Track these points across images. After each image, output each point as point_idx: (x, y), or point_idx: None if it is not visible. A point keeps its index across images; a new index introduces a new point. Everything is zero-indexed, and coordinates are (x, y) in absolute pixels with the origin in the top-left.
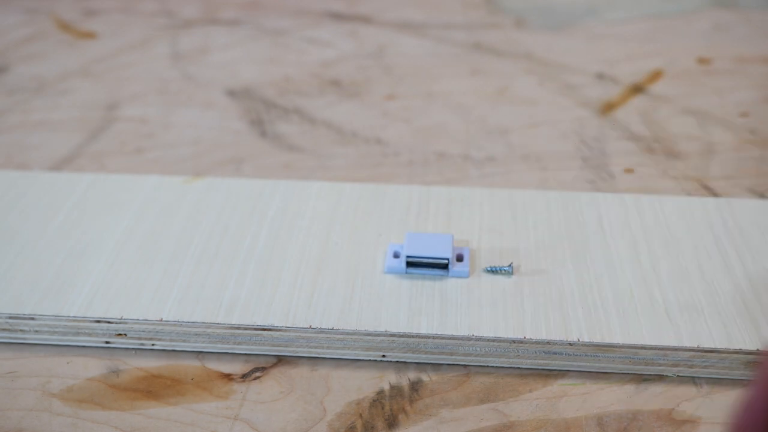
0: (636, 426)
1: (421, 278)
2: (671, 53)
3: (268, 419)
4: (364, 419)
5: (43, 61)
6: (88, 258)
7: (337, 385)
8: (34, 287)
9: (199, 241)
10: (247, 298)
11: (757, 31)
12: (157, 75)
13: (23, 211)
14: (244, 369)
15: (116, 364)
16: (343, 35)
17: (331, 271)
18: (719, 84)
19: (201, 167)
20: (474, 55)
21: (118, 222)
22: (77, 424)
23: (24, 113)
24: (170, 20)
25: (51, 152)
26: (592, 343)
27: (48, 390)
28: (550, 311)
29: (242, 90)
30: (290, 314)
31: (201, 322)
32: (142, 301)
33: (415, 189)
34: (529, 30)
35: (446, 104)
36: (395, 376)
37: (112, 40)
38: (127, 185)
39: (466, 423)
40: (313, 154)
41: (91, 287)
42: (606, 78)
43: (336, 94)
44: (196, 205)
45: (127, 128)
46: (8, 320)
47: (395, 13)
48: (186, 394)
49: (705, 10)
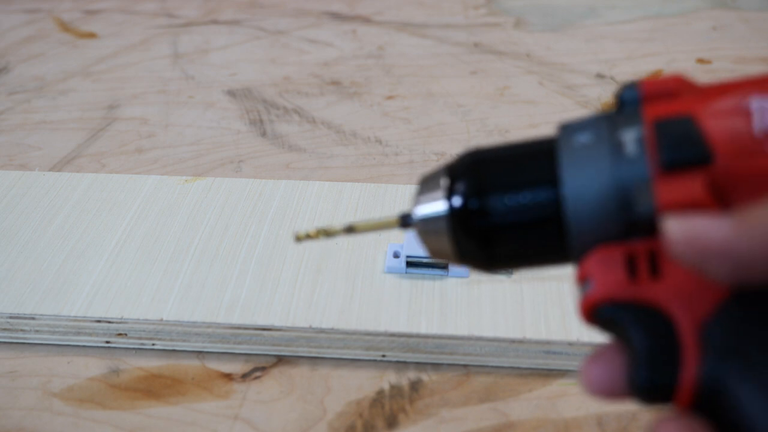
0: (636, 426)
1: (421, 278)
2: (671, 53)
3: (268, 419)
4: (364, 419)
5: (43, 62)
6: (88, 258)
7: (337, 384)
8: (35, 287)
9: (199, 241)
10: (247, 298)
11: (756, 32)
12: (158, 75)
13: (23, 211)
14: (244, 369)
15: (117, 363)
16: (343, 35)
17: (331, 271)
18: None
19: (201, 167)
20: (474, 55)
21: (118, 222)
22: (78, 423)
23: (24, 113)
24: (170, 20)
25: (51, 152)
26: (592, 343)
27: (49, 389)
28: (550, 311)
29: (242, 90)
30: (290, 314)
31: (201, 321)
32: (142, 301)
33: (415, 189)
34: (529, 30)
35: (446, 104)
36: (395, 375)
37: (112, 40)
38: (127, 185)
39: (466, 422)
40: (313, 154)
41: (91, 287)
42: (606, 78)
43: (336, 94)
44: (196, 205)
45: (127, 128)
46: (9, 320)
47: (395, 13)
48: (186, 394)
49: (705, 10)
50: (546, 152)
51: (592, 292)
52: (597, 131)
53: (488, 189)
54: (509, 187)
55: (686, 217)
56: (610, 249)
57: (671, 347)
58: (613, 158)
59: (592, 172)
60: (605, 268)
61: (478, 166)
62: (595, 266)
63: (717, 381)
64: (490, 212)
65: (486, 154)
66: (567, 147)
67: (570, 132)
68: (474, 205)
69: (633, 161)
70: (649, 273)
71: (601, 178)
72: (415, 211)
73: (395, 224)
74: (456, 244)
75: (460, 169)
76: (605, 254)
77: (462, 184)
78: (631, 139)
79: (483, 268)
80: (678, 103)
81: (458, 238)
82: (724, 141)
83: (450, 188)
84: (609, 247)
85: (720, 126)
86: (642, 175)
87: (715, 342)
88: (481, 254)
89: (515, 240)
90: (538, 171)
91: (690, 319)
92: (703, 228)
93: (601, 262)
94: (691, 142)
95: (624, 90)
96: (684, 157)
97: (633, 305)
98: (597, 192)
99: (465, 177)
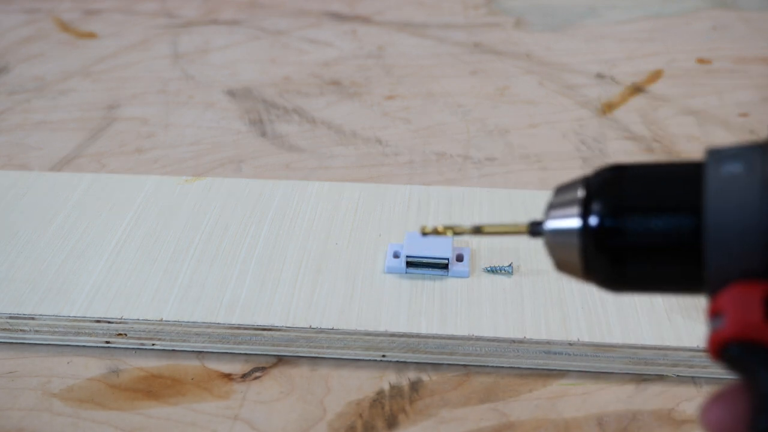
0: (636, 426)
1: (421, 278)
2: (671, 53)
3: (268, 419)
4: (364, 419)
5: (43, 62)
6: (88, 258)
7: (337, 385)
8: (35, 287)
9: (199, 241)
10: (247, 298)
11: (756, 32)
12: (158, 75)
13: (23, 211)
14: (244, 369)
15: (116, 364)
16: (343, 35)
17: (331, 271)
18: (719, 84)
19: (201, 167)
20: (474, 55)
21: (118, 222)
22: (77, 424)
23: (24, 113)
24: (170, 20)
25: (51, 152)
26: (592, 343)
27: (48, 390)
28: (550, 311)
29: (242, 90)
30: (290, 314)
31: (201, 321)
32: (142, 301)
33: (415, 189)
34: (529, 30)
35: (446, 104)
36: (395, 376)
37: (112, 40)
38: (127, 185)
39: (466, 423)
40: (313, 154)
41: (91, 287)
42: (606, 78)
43: (336, 94)
44: (196, 205)
45: (127, 128)
46: (9, 320)
47: (395, 13)
48: (186, 394)
49: (705, 10)
50: (691, 177)
51: (724, 329)
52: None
53: (626, 208)
54: (648, 210)
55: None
56: (749, 286)
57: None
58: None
59: (739, 204)
60: (741, 305)
61: (618, 183)
62: (731, 302)
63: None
64: (625, 232)
65: (627, 171)
66: (714, 174)
67: (719, 159)
68: (610, 224)
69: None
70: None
71: (748, 212)
72: (547, 221)
73: (524, 231)
74: (585, 261)
75: (598, 184)
76: (743, 291)
77: (600, 201)
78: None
79: (609, 287)
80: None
81: (588, 254)
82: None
83: (586, 203)
84: (748, 284)
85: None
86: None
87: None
88: (611, 273)
89: (648, 264)
90: (681, 196)
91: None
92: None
93: (737, 299)
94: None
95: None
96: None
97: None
98: (742, 225)
99: (603, 193)
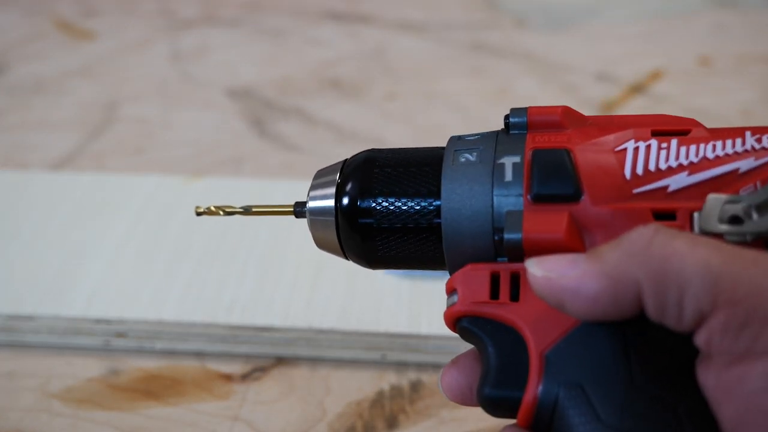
0: None
1: (421, 278)
2: (671, 53)
3: (267, 420)
4: (364, 420)
5: (43, 61)
6: (88, 258)
7: (337, 385)
8: (34, 287)
9: (199, 241)
10: (247, 298)
11: (757, 31)
12: (157, 75)
13: (23, 211)
14: (244, 369)
15: (116, 364)
16: (343, 35)
17: (331, 271)
18: (719, 84)
19: (201, 167)
20: (474, 55)
21: (118, 222)
22: (77, 424)
23: (24, 113)
24: (170, 20)
25: (51, 152)
26: None
27: (47, 390)
28: None
29: (242, 90)
30: (290, 315)
31: (201, 322)
32: (142, 301)
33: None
34: (529, 30)
35: (446, 104)
36: (395, 376)
37: (112, 40)
38: (127, 185)
39: (466, 423)
40: (313, 154)
41: (91, 287)
42: (606, 78)
43: (336, 94)
44: (196, 205)
45: (127, 128)
46: (8, 320)
47: (395, 13)
48: (186, 395)
49: (705, 10)
50: (434, 164)
51: (455, 305)
52: (481, 151)
53: (374, 191)
54: (393, 193)
55: (544, 260)
56: (479, 266)
57: (519, 366)
58: (491, 181)
59: (469, 191)
60: (470, 284)
61: (369, 167)
62: (462, 280)
63: (554, 405)
64: (372, 213)
65: (379, 155)
66: (450, 162)
67: (456, 146)
68: (359, 205)
69: (508, 187)
70: (510, 295)
71: (477, 198)
72: (308, 202)
73: (291, 211)
74: (340, 239)
75: (351, 168)
76: (473, 271)
77: (351, 183)
78: (510, 166)
79: (365, 263)
80: (561, 136)
81: (342, 233)
82: (593, 180)
83: (340, 185)
84: (478, 264)
85: (592, 164)
86: (514, 203)
87: (555, 368)
88: (363, 249)
89: (395, 242)
90: (423, 181)
91: (538, 343)
92: (558, 270)
93: (467, 277)
94: (560, 179)
95: (512, 114)
96: (552, 193)
97: (492, 321)
98: (471, 211)
99: (354, 176)
